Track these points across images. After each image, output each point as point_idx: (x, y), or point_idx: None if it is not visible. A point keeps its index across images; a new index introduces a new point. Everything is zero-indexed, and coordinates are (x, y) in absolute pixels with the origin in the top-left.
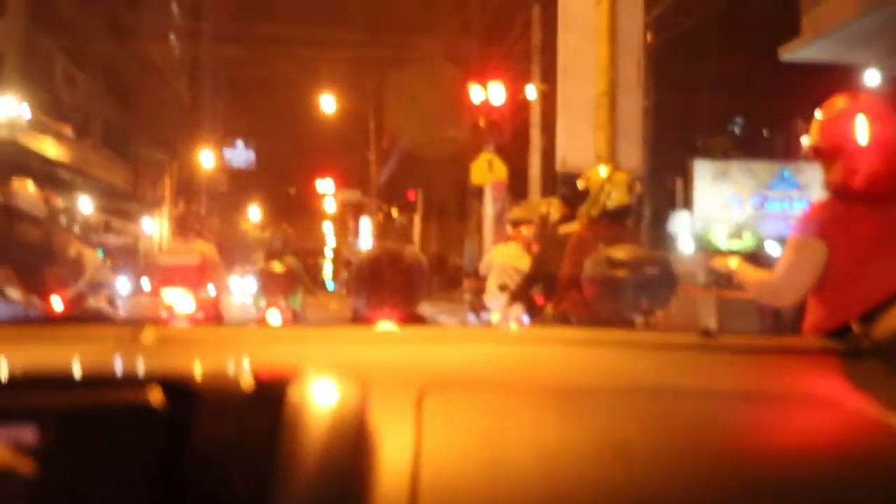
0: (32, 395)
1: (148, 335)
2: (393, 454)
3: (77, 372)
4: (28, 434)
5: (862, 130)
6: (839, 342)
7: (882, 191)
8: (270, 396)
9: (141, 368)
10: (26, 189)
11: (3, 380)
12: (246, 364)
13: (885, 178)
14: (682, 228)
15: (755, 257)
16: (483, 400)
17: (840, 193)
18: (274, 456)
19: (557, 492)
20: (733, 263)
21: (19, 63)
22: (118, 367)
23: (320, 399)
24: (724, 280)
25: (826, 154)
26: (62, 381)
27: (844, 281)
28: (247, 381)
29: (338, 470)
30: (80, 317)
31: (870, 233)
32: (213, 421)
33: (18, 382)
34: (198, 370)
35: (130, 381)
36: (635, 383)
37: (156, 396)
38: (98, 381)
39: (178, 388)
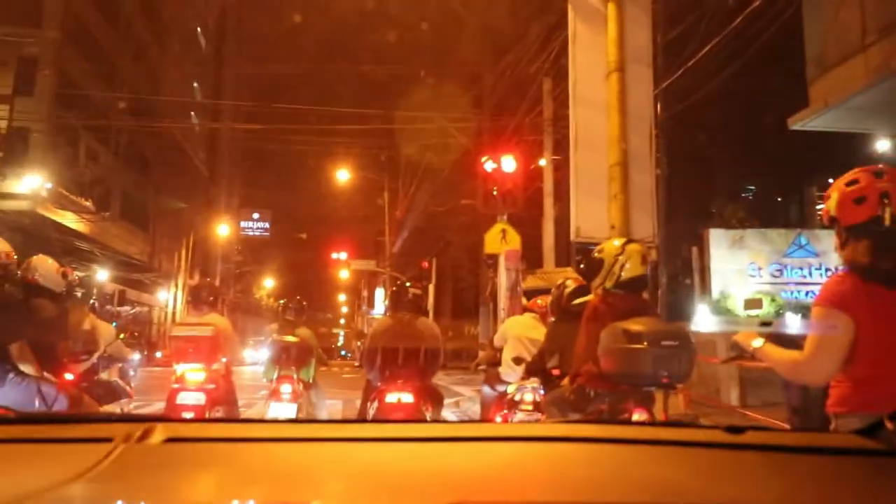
0: None
1: (157, 436)
2: None
3: None
4: None
5: (889, 211)
6: (872, 440)
7: None
8: None
9: None
10: (45, 264)
11: None
12: None
13: None
14: (704, 319)
15: (780, 336)
16: None
17: (863, 272)
18: None
19: None
20: (758, 343)
21: (44, 139)
22: None
23: None
24: (747, 355)
25: (849, 229)
26: None
27: (869, 356)
28: None
29: None
30: (98, 398)
31: (893, 311)
32: None
33: None
34: None
35: None
36: (662, 498)
37: None
38: None
39: None
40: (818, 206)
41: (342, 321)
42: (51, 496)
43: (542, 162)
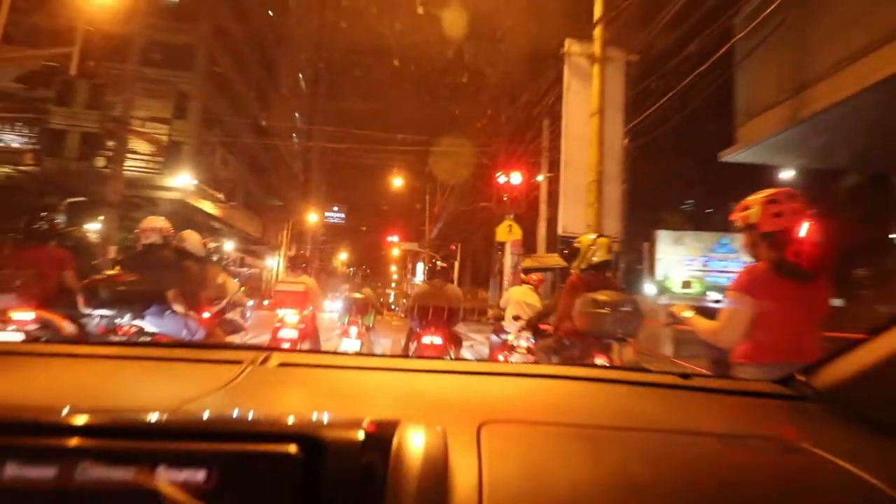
0: (203, 444)
1: (273, 362)
2: (463, 476)
3: (237, 426)
4: (198, 476)
5: (801, 222)
6: (786, 388)
7: (809, 270)
8: (380, 443)
9: (282, 423)
10: (192, 236)
11: (182, 432)
12: (358, 417)
13: (814, 260)
14: (650, 289)
15: (703, 310)
16: (524, 434)
17: (774, 266)
18: (385, 488)
19: None
20: (688, 314)
21: (192, 150)
22: (266, 422)
23: (415, 443)
24: (678, 320)
25: (766, 234)
26: (226, 433)
27: (767, 326)
28: (361, 434)
29: (431, 493)
30: (225, 331)
31: (787, 294)
32: (337, 466)
33: (191, 433)
34: (325, 424)
35: (276, 436)
36: (636, 423)
37: (294, 449)
38: (254, 436)
39: (312, 441)
40: (737, 215)
41: (393, 284)
42: (204, 400)
43: (539, 178)
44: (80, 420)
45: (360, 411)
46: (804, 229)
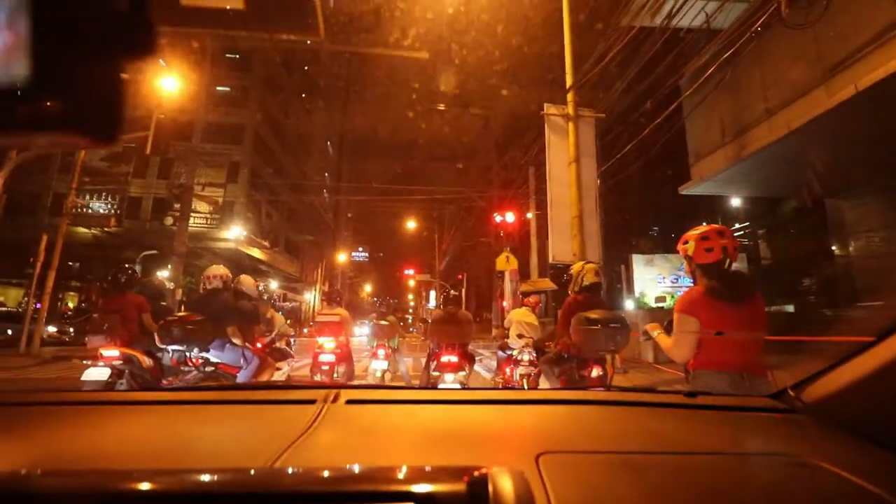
0: None
1: (342, 399)
2: None
3: (348, 485)
4: None
5: (723, 256)
6: (779, 402)
7: (736, 293)
8: (478, 494)
9: (392, 480)
10: (247, 280)
11: (297, 496)
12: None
13: (740, 285)
14: (628, 301)
15: (669, 327)
16: (577, 464)
17: (707, 290)
18: None
19: None
20: (655, 332)
21: (242, 207)
22: (375, 479)
23: (506, 490)
24: (649, 336)
25: (700, 266)
26: (339, 496)
27: (708, 339)
28: (464, 486)
29: None
30: (275, 358)
31: (721, 313)
32: None
33: (305, 497)
34: (429, 477)
35: (389, 495)
36: (665, 446)
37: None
38: (367, 496)
39: (423, 499)
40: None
41: (410, 310)
42: (300, 443)
43: (529, 215)
44: (192, 486)
45: (435, 451)
46: (729, 262)
